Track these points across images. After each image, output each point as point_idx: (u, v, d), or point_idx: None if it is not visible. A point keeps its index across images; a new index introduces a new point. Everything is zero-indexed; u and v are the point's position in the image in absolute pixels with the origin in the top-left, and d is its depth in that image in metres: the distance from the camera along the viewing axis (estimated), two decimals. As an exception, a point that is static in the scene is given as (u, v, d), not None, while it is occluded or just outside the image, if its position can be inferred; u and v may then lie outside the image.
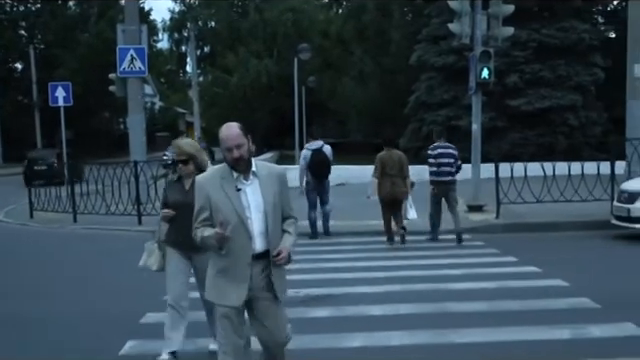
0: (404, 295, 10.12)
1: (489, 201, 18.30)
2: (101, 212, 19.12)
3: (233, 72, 62.73)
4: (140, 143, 22.33)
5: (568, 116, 36.87)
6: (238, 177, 5.37)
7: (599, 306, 9.35)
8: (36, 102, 56.26)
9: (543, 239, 15.56)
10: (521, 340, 7.92)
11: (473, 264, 12.54)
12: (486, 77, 18.38)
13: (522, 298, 9.86)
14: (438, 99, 38.71)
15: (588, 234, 15.83)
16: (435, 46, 39.16)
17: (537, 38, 36.94)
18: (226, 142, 5.29)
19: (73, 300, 10.73)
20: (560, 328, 8.30)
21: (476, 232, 16.43)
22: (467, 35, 18.78)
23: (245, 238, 5.33)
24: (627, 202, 15.16)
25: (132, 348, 8.01)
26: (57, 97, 27.33)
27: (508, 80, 35.75)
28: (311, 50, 45.44)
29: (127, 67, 21.73)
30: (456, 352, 7.59)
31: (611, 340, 7.89)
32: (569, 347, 7.67)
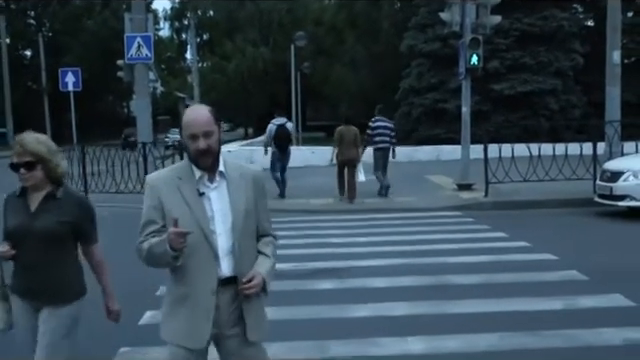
0: (404, 268, 10.12)
1: (478, 180, 18.33)
2: (111, 190, 19.07)
3: (231, 59, 62.81)
4: (147, 125, 22.28)
5: (549, 100, 37.04)
6: (201, 178, 3.87)
7: (587, 278, 9.37)
8: (44, 87, 56.05)
9: (530, 216, 15.59)
10: (516, 310, 7.92)
11: (466, 239, 12.55)
12: (475, 63, 18.42)
13: (515, 271, 9.86)
14: (426, 84, 38.77)
15: (573, 211, 15.87)
16: (422, 34, 39.17)
17: (519, 27, 37.02)
18: (191, 127, 3.80)
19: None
20: (552, 299, 8.30)
21: (466, 209, 16.50)
22: (457, 23, 18.82)
23: (209, 258, 3.82)
24: (609, 181, 15.19)
25: (152, 317, 8.00)
26: (67, 82, 27.35)
27: (490, 66, 35.76)
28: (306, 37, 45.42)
29: (134, 54, 21.66)
30: (456, 322, 7.59)
31: (601, 310, 7.89)
32: (562, 317, 7.67)
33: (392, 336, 7.09)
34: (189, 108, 4.01)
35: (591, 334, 7.03)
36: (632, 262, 10.59)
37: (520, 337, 6.96)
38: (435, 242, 12.33)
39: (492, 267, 10.09)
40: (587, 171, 17.43)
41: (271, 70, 59.66)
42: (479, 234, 13.21)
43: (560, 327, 7.26)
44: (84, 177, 19.60)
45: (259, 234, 4.09)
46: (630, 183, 14.82)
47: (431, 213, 16.02)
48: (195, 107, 4.03)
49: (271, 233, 4.19)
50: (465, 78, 19.10)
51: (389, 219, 15.15)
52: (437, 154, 30.83)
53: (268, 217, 4.19)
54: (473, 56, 18.30)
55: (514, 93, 36.47)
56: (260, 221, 4.07)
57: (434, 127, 37.40)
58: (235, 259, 3.87)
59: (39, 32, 62.02)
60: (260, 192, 4.08)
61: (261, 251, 4.05)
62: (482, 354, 6.57)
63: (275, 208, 16.83)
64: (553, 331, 7.13)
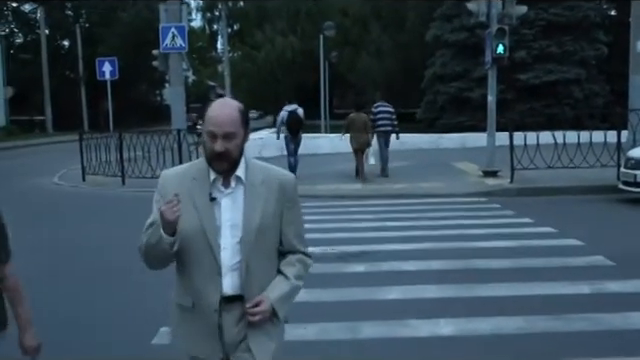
0: (433, 252, 10.09)
1: (503, 167, 18.23)
2: (147, 175, 19.13)
3: (260, 48, 62.79)
4: (181, 113, 22.41)
5: (573, 89, 36.79)
6: (216, 181, 3.28)
7: (614, 264, 9.29)
8: (81, 76, 56.39)
9: (555, 202, 15.49)
10: (544, 294, 7.88)
11: (493, 224, 12.49)
12: (501, 52, 18.31)
13: (541, 256, 9.81)
14: (451, 72, 38.62)
15: (596, 198, 15.73)
16: (448, 24, 38.98)
17: (545, 17, 36.70)
18: (212, 124, 3.18)
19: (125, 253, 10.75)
20: (579, 284, 8.26)
21: (492, 195, 16.40)
22: (484, 13, 18.70)
23: (212, 273, 3.26)
24: (634, 168, 15.04)
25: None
26: (104, 71, 27.60)
27: (516, 55, 35.48)
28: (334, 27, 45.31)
29: (169, 44, 21.77)
30: (484, 305, 7.56)
31: (628, 295, 7.84)
32: (589, 301, 7.62)
33: (422, 318, 7.07)
34: (218, 101, 3.32)
35: (618, 318, 6.98)
36: (657, 248, 10.52)
37: (548, 320, 6.93)
38: (462, 227, 12.28)
39: (519, 252, 10.03)
40: (611, 159, 17.28)
41: (299, 59, 59.56)
42: (505, 219, 13.14)
43: (587, 311, 7.21)
44: (121, 163, 19.69)
45: (285, 250, 3.44)
46: (654, 170, 14.69)
47: (457, 199, 15.95)
48: (224, 102, 3.32)
49: (301, 250, 3.49)
50: (491, 67, 18.98)
51: (416, 204, 15.10)
52: (462, 141, 30.66)
53: (298, 231, 3.49)
54: (499, 46, 18.18)
55: (539, 82, 36.24)
56: (285, 235, 3.41)
57: (458, 115, 37.25)
58: (242, 278, 3.27)
59: (76, 23, 62.28)
60: (289, 202, 3.40)
61: (282, 271, 3.40)
62: (511, 337, 6.54)
63: (305, 194, 16.92)
64: (580, 315, 7.09)
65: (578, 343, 6.33)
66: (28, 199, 18.11)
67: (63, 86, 58.97)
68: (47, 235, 12.80)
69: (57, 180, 21.44)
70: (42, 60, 55.47)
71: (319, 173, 20.58)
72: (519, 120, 23.16)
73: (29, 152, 37.05)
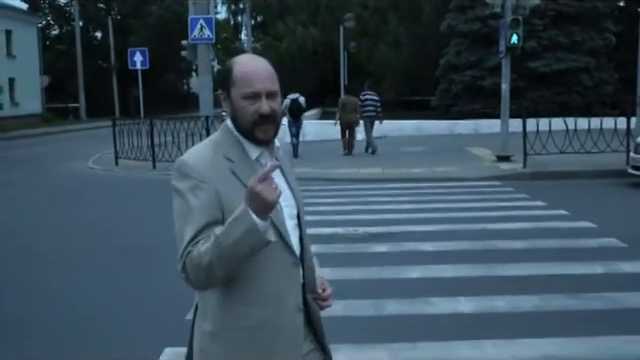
0: (450, 234, 10.02)
1: (516, 152, 18.09)
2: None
3: (282, 39, 62.95)
4: (209, 100, 22.42)
5: (582, 77, 36.52)
6: (260, 156, 2.58)
7: (626, 245, 9.20)
8: (113, 66, 56.63)
9: (567, 186, 15.35)
10: (559, 274, 7.82)
11: (507, 207, 12.40)
12: (515, 42, 18.14)
13: (555, 237, 9.72)
14: (465, 61, 38.43)
15: (607, 182, 15.59)
16: (462, 15, 38.75)
17: (555, 7, 36.42)
18: (251, 82, 2.51)
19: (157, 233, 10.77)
20: (593, 264, 8.18)
21: (506, 179, 16.29)
22: (499, 5, 18.61)
23: (288, 264, 2.56)
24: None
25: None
26: (135, 61, 27.69)
27: (527, 45, 35.18)
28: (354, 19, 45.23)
29: (197, 35, 21.80)
30: (502, 284, 7.50)
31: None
32: (602, 281, 7.55)
33: (443, 296, 7.03)
34: (244, 56, 2.68)
35: (631, 297, 6.92)
36: (666, 230, 10.42)
37: (563, 299, 6.87)
38: (477, 210, 12.19)
39: (534, 233, 9.94)
40: (621, 144, 17.14)
41: (319, 50, 59.73)
42: (519, 202, 13.04)
43: (601, 290, 7.14)
44: (152, 148, 19.72)
45: None
46: (662, 155, 14.55)
47: (472, 182, 15.85)
48: (252, 56, 2.67)
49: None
50: (505, 56, 18.84)
51: (432, 187, 15.02)
52: (475, 127, 30.48)
53: None
54: (513, 36, 18.02)
55: (549, 71, 35.99)
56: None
57: (472, 102, 37.04)
58: (303, 262, 2.65)
59: (108, 16, 62.56)
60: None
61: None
62: (528, 314, 6.49)
63: (324, 177, 16.87)
64: (594, 294, 7.02)
65: (592, 321, 6.27)
66: (64, 182, 18.23)
67: (96, 75, 59.28)
68: (79, 216, 12.85)
69: (91, 164, 21.51)
70: (76, 51, 55.73)
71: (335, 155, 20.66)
72: (531, 107, 23.05)
73: (64, 138, 37.21)
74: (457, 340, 5.75)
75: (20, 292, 7.78)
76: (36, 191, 16.56)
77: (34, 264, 9.12)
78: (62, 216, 12.93)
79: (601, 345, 5.63)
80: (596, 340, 5.74)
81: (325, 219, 11.18)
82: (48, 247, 10.10)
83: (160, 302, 7.21)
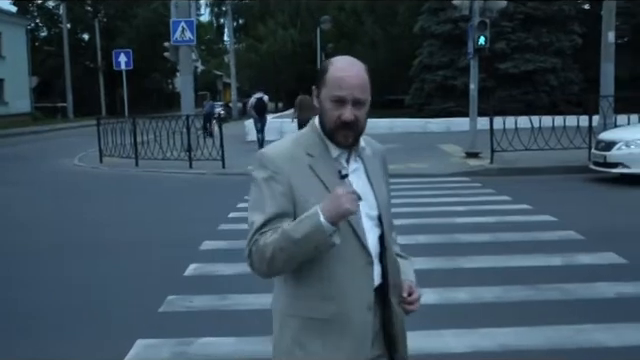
0: (419, 227, 10.00)
1: (484, 149, 18.16)
2: (158, 157, 19.11)
3: (263, 40, 62.72)
4: (190, 100, 22.47)
5: (549, 77, 36.65)
6: (340, 156, 2.52)
7: (584, 238, 9.25)
8: (100, 66, 56.43)
9: (532, 181, 15.44)
10: (519, 266, 7.85)
11: (474, 202, 12.45)
12: (482, 44, 18.23)
13: (517, 231, 9.77)
14: (437, 62, 38.47)
15: (570, 177, 15.69)
16: (435, 17, 38.76)
17: (523, 10, 36.53)
18: (341, 86, 2.44)
19: (136, 228, 10.74)
20: (551, 257, 8.21)
21: (474, 175, 16.37)
22: (467, 7, 18.69)
23: (361, 262, 2.49)
24: (604, 150, 15.00)
25: (195, 270, 7.99)
26: (120, 62, 27.61)
27: (497, 46, 35.29)
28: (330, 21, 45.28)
29: (179, 37, 21.87)
30: (465, 276, 7.52)
31: (596, 267, 7.81)
32: (560, 273, 7.59)
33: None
34: (342, 58, 2.55)
35: (586, 288, 6.95)
36: (624, 223, 10.50)
37: (522, 290, 6.89)
38: (446, 204, 12.24)
39: (497, 227, 9.98)
40: (583, 141, 17.26)
41: (299, 50, 59.52)
42: (485, 197, 13.09)
43: (558, 281, 7.17)
44: (135, 146, 19.63)
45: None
46: (622, 152, 14.62)
47: (442, 178, 15.91)
48: (351, 60, 2.53)
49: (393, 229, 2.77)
50: (473, 57, 18.91)
51: (404, 183, 14.97)
52: (447, 126, 30.55)
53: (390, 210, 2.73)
54: (481, 37, 18.10)
55: (517, 71, 36.07)
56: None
57: (444, 101, 37.04)
58: (381, 263, 2.56)
59: (95, 18, 62.40)
60: (388, 177, 2.77)
61: (399, 253, 2.77)
62: (488, 305, 6.51)
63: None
64: (552, 285, 7.06)
65: (549, 311, 6.30)
66: (49, 179, 18.19)
67: (83, 76, 59.17)
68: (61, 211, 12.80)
69: (77, 162, 21.42)
70: (64, 52, 55.51)
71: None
72: (499, 106, 23.10)
73: (52, 136, 37.05)
74: (417, 330, 5.73)
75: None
76: (22, 187, 16.48)
77: (13, 257, 9.07)
78: (45, 211, 12.87)
79: (555, 334, 5.65)
80: (551, 329, 5.76)
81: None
82: (27, 241, 10.06)
83: (135, 295, 7.18)
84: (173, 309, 6.58)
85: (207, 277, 7.69)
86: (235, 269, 7.75)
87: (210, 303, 6.72)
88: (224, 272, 7.81)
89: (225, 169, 17.82)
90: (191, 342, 5.67)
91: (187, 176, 17.50)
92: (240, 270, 7.75)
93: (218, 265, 8.08)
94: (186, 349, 5.54)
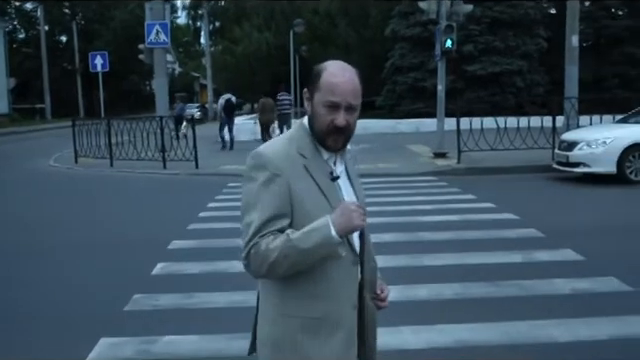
0: (385, 226, 9.97)
1: (451, 149, 18.21)
2: (133, 158, 18.98)
3: (239, 43, 62.55)
4: (164, 101, 22.30)
5: (516, 79, 36.90)
6: (329, 158, 2.54)
7: (544, 235, 9.31)
8: (78, 68, 56.03)
9: (497, 180, 15.52)
10: (480, 263, 7.86)
11: (440, 201, 12.47)
12: (449, 46, 18.25)
13: (481, 229, 9.80)
14: (408, 64, 38.58)
15: (534, 176, 15.80)
16: (405, 20, 38.85)
17: (490, 14, 36.75)
18: (335, 92, 2.44)
19: (107, 228, 10.65)
20: (512, 254, 8.25)
21: (441, 175, 16.41)
22: (434, 11, 18.70)
23: (348, 263, 2.50)
24: (566, 150, 15.11)
25: (163, 269, 7.93)
26: (96, 64, 27.36)
27: (465, 49, 35.48)
28: (304, 24, 45.27)
29: (153, 39, 21.66)
30: (427, 273, 7.53)
31: (554, 263, 7.85)
32: (519, 269, 7.62)
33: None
34: (335, 64, 2.53)
35: (544, 284, 6.99)
36: (583, 221, 10.57)
37: (481, 287, 6.91)
38: (412, 203, 12.24)
39: (461, 225, 10.01)
40: (547, 141, 17.38)
41: (274, 53, 59.30)
42: (451, 196, 13.11)
43: (517, 278, 7.21)
44: (109, 147, 19.48)
45: None
46: (584, 152, 14.73)
47: (410, 178, 15.93)
48: (343, 65, 2.52)
49: None
50: (440, 60, 18.94)
51: (373, 183, 14.95)
52: (417, 126, 30.60)
53: None
54: (447, 40, 18.13)
55: (485, 73, 36.30)
56: None
57: (415, 102, 37.14)
58: (361, 260, 2.58)
59: (73, 20, 61.90)
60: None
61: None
62: (447, 301, 6.52)
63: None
64: (511, 281, 7.08)
65: (507, 307, 6.33)
66: (24, 179, 18.02)
67: (61, 77, 58.73)
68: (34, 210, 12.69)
69: (52, 162, 21.22)
70: (42, 54, 55.00)
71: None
72: (467, 107, 23.22)
73: (30, 137, 36.74)
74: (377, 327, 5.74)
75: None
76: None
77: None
78: (15, 211, 12.72)
79: (511, 330, 5.67)
80: (507, 325, 5.78)
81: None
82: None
83: (101, 294, 7.10)
84: (139, 308, 6.53)
85: (174, 276, 7.63)
86: (202, 268, 7.73)
87: (176, 302, 6.66)
88: (191, 271, 7.77)
89: (198, 169, 17.74)
90: (155, 340, 5.62)
91: (161, 176, 17.39)
92: (206, 269, 7.77)
93: (185, 264, 8.03)
94: (150, 347, 5.49)
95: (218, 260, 8.04)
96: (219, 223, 10.53)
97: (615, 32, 39.54)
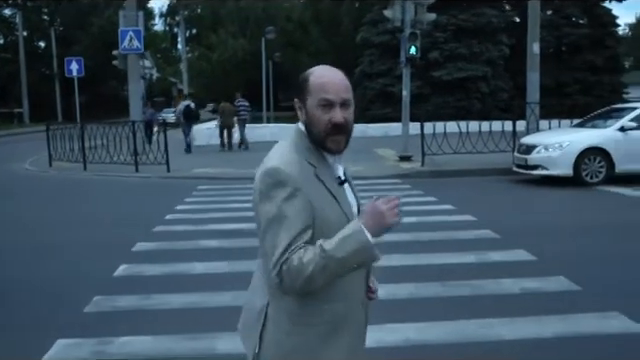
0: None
1: (416, 152, 18.24)
2: (106, 161, 18.82)
3: (215, 49, 62.58)
4: (138, 106, 22.19)
5: (481, 84, 37.11)
6: (335, 161, 2.50)
7: (499, 236, 9.33)
8: (56, 73, 55.56)
9: (459, 183, 15.57)
10: (434, 264, 7.86)
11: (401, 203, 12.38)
12: (413, 53, 18.34)
13: (438, 230, 9.80)
14: (377, 70, 38.67)
15: (495, 179, 15.87)
16: (375, 28, 38.96)
17: (455, 22, 36.96)
18: (327, 91, 2.39)
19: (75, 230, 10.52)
20: (466, 254, 8.25)
21: (406, 177, 16.44)
22: (398, 19, 18.73)
23: None
24: (525, 153, 15.21)
25: (125, 270, 7.84)
26: (72, 69, 27.12)
27: (431, 55, 35.67)
28: (276, 31, 45.35)
29: (127, 45, 21.61)
30: (381, 274, 7.47)
31: (506, 264, 7.85)
32: (472, 270, 7.61)
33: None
34: (317, 68, 2.49)
35: (494, 284, 6.99)
36: (538, 222, 10.63)
37: (434, 287, 6.90)
38: (375, 205, 12.19)
39: (419, 227, 9.93)
40: (508, 145, 17.48)
41: (248, 59, 59.32)
42: (413, 198, 13.08)
43: (469, 278, 7.20)
44: (83, 150, 19.28)
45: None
46: (541, 155, 14.84)
47: (375, 180, 15.87)
48: (326, 67, 2.49)
49: None
50: (405, 66, 19.01)
51: (339, 186, 15.02)
52: (386, 130, 30.63)
53: None
54: (412, 47, 18.22)
55: (451, 79, 36.48)
56: None
57: (384, 107, 37.15)
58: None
59: (51, 26, 61.45)
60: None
61: None
62: (400, 301, 6.48)
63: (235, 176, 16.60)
64: (463, 281, 7.08)
65: (457, 306, 6.31)
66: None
67: (40, 82, 58.21)
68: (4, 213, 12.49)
69: (27, 166, 20.97)
70: (20, 59, 54.50)
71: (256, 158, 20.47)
72: (434, 112, 23.31)
73: (7, 141, 36.35)
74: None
75: None
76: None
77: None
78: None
79: (458, 328, 5.65)
80: (455, 324, 5.77)
81: (232, 216, 11.06)
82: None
83: (63, 295, 7.00)
84: (98, 309, 6.43)
85: (135, 277, 7.53)
86: (162, 270, 7.65)
87: (134, 303, 6.57)
88: (151, 273, 7.67)
89: (170, 173, 17.61)
90: (111, 341, 5.54)
91: (133, 179, 17.24)
92: (166, 271, 7.69)
93: (147, 266, 7.93)
94: (105, 348, 5.41)
95: (179, 262, 7.97)
96: (184, 225, 10.46)
97: (575, 40, 39.98)
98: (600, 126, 15.53)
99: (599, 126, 15.56)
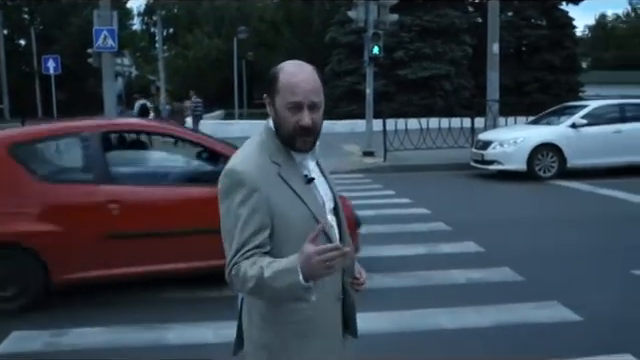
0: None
1: (378, 148, 18.25)
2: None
3: (191, 48, 62.30)
4: (112, 104, 21.90)
5: (444, 83, 37.32)
6: (302, 160, 2.37)
7: (450, 229, 9.35)
8: (36, 71, 54.92)
9: (418, 177, 15.61)
10: (385, 256, 7.85)
11: (360, 197, 12.31)
12: (376, 53, 18.34)
13: (392, 223, 9.81)
14: (345, 69, 38.71)
15: (453, 174, 15.92)
16: (342, 28, 38.98)
17: (419, 23, 37.11)
18: (295, 92, 2.26)
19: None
20: (418, 246, 8.25)
21: (368, 172, 16.47)
22: (362, 20, 18.73)
23: None
24: (482, 149, 15.30)
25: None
26: (49, 67, 26.91)
27: (396, 55, 35.77)
28: (249, 31, 45.25)
29: (101, 44, 21.28)
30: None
31: (454, 255, 7.88)
32: (421, 261, 7.60)
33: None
34: (291, 63, 2.34)
35: (441, 275, 7.01)
36: (490, 215, 10.69)
37: (382, 278, 6.86)
38: (336, 199, 12.16)
39: (374, 220, 9.90)
40: (467, 141, 17.54)
41: (223, 58, 59.16)
42: (372, 192, 13.11)
43: (418, 269, 7.21)
44: (57, 146, 19.05)
45: None
46: (497, 151, 14.92)
47: (338, 175, 15.73)
48: (300, 64, 2.33)
49: None
50: (369, 65, 19.01)
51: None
52: (352, 127, 30.53)
53: None
54: (375, 47, 18.23)
55: (416, 78, 36.60)
56: None
57: (351, 104, 37.14)
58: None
59: (32, 25, 60.78)
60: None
61: None
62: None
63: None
64: (411, 272, 7.09)
65: (404, 297, 6.31)
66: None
67: (20, 79, 57.54)
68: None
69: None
70: (0, 57, 53.85)
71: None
72: (399, 109, 23.33)
73: (-14, 136, 35.73)
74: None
75: None
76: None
77: None
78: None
79: (400, 319, 5.64)
80: (398, 314, 5.76)
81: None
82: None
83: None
84: (54, 301, 6.32)
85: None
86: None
87: (87, 295, 6.47)
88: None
89: (141, 167, 17.45)
90: (65, 333, 5.45)
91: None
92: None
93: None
94: (59, 340, 5.32)
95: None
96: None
97: (535, 40, 40.31)
98: (553, 123, 15.63)
99: (552, 123, 15.67)
